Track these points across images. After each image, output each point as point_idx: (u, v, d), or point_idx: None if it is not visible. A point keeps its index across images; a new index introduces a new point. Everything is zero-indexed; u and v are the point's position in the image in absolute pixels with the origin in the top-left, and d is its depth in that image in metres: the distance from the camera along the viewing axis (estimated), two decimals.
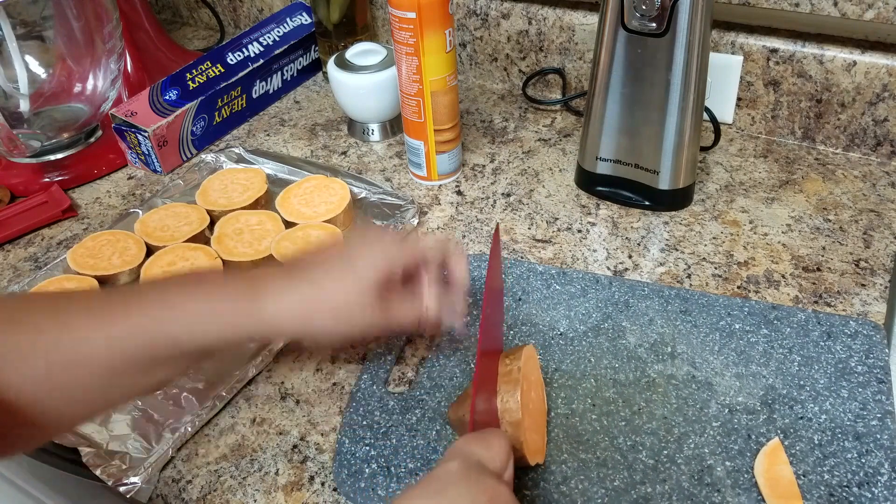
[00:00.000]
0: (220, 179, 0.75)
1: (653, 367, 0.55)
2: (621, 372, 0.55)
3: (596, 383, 0.54)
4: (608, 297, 0.61)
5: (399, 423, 0.52)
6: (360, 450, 0.51)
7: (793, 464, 0.48)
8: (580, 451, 0.50)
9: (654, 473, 0.48)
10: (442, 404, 0.53)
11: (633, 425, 0.51)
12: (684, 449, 0.49)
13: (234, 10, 1.10)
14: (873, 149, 0.75)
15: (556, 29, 0.85)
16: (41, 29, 0.80)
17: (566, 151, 0.80)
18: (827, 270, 0.63)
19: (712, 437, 0.50)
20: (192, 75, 0.84)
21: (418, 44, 0.67)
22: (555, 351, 0.57)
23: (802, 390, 0.52)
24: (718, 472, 0.48)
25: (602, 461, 0.49)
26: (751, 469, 0.48)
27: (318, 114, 0.91)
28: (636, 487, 0.47)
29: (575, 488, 0.48)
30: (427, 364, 0.57)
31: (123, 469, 0.50)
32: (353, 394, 0.55)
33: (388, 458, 0.50)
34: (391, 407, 0.53)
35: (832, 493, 0.46)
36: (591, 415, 0.52)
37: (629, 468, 0.48)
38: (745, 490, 0.47)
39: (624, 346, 0.57)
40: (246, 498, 0.49)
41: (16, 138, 0.75)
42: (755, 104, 0.78)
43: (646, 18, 0.60)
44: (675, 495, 0.47)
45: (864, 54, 0.71)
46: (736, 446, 0.49)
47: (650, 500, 0.47)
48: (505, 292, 0.62)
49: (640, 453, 0.49)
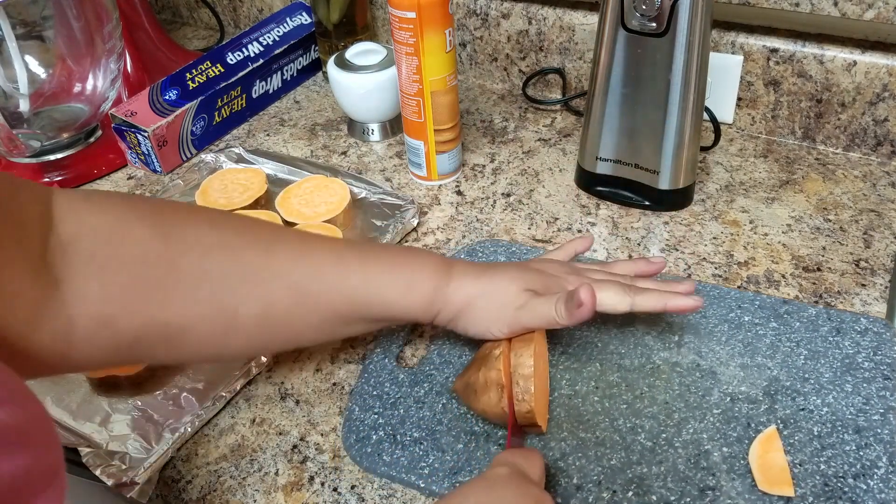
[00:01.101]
0: (220, 179, 0.75)
1: (658, 354, 0.56)
2: (627, 357, 0.55)
3: (601, 367, 0.55)
4: None
5: (407, 395, 0.54)
6: (368, 417, 0.53)
7: (790, 453, 0.48)
8: (580, 431, 0.51)
9: (651, 455, 0.49)
10: (449, 380, 0.55)
11: (634, 409, 0.52)
12: (683, 433, 0.50)
13: (234, 10, 1.10)
14: (873, 149, 0.75)
15: (556, 29, 0.85)
16: (41, 29, 0.80)
17: (566, 151, 0.80)
18: (827, 270, 0.63)
19: (711, 424, 0.50)
20: (191, 75, 0.84)
21: (418, 44, 0.67)
22: (562, 335, 0.57)
23: (806, 383, 0.53)
24: (715, 457, 0.48)
25: (601, 441, 0.50)
26: (747, 456, 0.48)
27: (318, 114, 0.91)
28: (632, 467, 0.48)
29: (572, 465, 0.49)
30: (438, 341, 0.58)
31: (123, 469, 0.50)
32: (366, 366, 0.57)
33: (394, 427, 0.52)
34: (401, 380, 0.55)
35: (827, 483, 0.46)
36: (594, 397, 0.53)
37: (627, 449, 0.49)
38: (739, 476, 0.47)
39: (631, 333, 0.57)
40: (246, 498, 0.49)
41: (16, 138, 0.75)
42: (755, 104, 0.78)
43: (646, 18, 0.60)
44: (669, 477, 0.47)
45: (864, 54, 0.71)
46: (734, 433, 0.50)
47: (645, 479, 0.47)
48: None
49: (639, 435, 0.50)
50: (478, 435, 0.51)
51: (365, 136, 0.85)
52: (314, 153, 0.84)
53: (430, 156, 0.74)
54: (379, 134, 0.84)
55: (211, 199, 0.73)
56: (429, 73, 0.69)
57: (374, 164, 0.81)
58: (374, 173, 0.79)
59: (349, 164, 0.81)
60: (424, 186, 0.77)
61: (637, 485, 0.47)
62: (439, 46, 0.67)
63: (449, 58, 0.69)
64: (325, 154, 0.83)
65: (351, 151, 0.83)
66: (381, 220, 0.71)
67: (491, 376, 0.49)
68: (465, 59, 0.93)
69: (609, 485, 0.47)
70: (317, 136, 0.87)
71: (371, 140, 0.85)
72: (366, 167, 0.80)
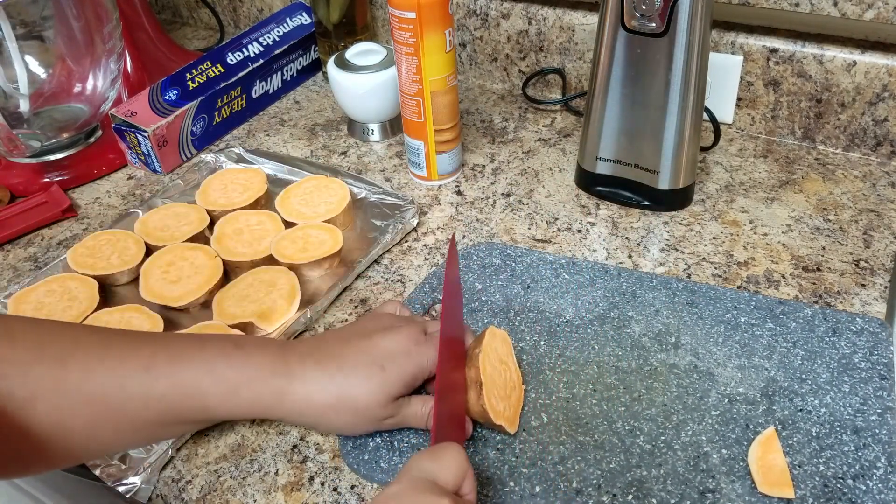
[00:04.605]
0: (220, 179, 0.75)
1: (656, 356, 0.55)
2: (624, 360, 0.55)
3: (598, 370, 0.55)
4: (616, 287, 0.61)
5: None
6: None
7: (789, 454, 0.48)
8: (578, 434, 0.50)
9: (650, 458, 0.49)
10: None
11: (633, 411, 0.52)
12: (682, 435, 0.50)
13: (234, 10, 1.10)
14: (873, 149, 0.75)
15: (556, 29, 0.85)
16: (41, 29, 0.80)
17: (566, 151, 0.80)
18: (827, 270, 0.63)
19: (710, 426, 0.50)
20: (191, 75, 0.84)
21: (418, 44, 0.67)
22: (559, 337, 0.57)
23: (804, 384, 0.53)
24: (714, 459, 0.48)
25: (600, 444, 0.50)
26: (746, 458, 0.48)
27: (318, 114, 0.91)
28: (632, 470, 0.48)
29: (571, 468, 0.48)
30: None
31: (123, 469, 0.50)
32: None
33: (391, 434, 0.51)
34: None
35: (826, 484, 0.46)
36: (592, 399, 0.53)
37: (626, 452, 0.49)
38: (739, 477, 0.47)
39: (628, 335, 0.57)
40: (246, 498, 0.49)
41: (16, 138, 0.75)
42: (755, 104, 0.78)
43: (646, 18, 0.60)
44: (669, 479, 0.47)
45: (864, 54, 0.71)
46: (733, 435, 0.50)
47: (645, 482, 0.47)
48: (514, 280, 0.63)
49: (638, 438, 0.50)
50: (475, 440, 0.51)
51: (365, 136, 0.85)
52: (314, 153, 0.84)
53: (429, 156, 0.74)
54: (379, 134, 0.84)
55: (211, 200, 0.73)
56: (429, 73, 0.69)
57: (374, 165, 0.81)
58: (374, 173, 0.79)
59: (349, 165, 0.81)
60: (424, 186, 0.77)
61: (637, 488, 0.47)
62: (439, 46, 0.67)
63: (449, 58, 0.69)
64: (325, 154, 0.83)
65: (351, 151, 0.83)
66: (380, 220, 0.71)
67: (471, 375, 0.48)
68: (465, 59, 0.93)
69: (609, 488, 0.47)
70: (317, 136, 0.87)
71: (371, 140, 0.85)
72: (366, 167, 0.80)
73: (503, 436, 0.51)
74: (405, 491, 0.38)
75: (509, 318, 0.59)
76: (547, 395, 0.53)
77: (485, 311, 0.60)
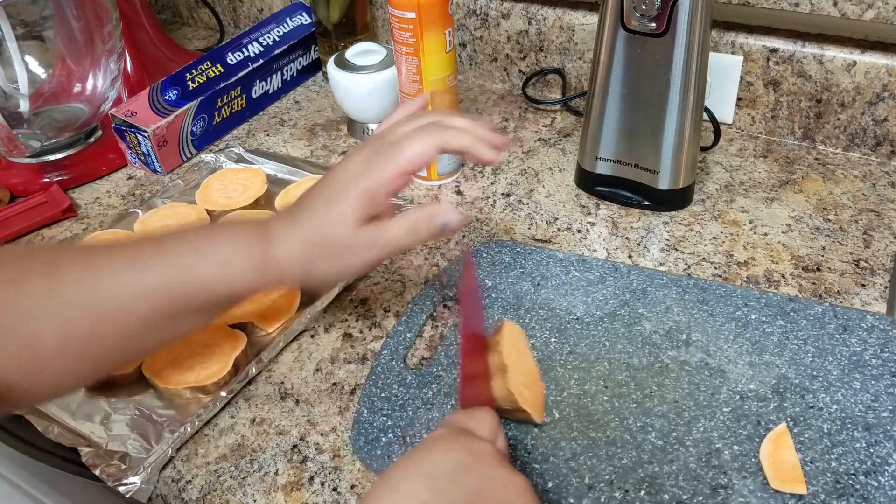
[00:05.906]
0: (220, 179, 0.75)
1: (667, 353, 0.56)
2: (635, 357, 0.55)
3: (609, 366, 0.55)
4: (626, 284, 0.61)
5: (416, 397, 0.54)
6: (377, 420, 0.53)
7: (800, 451, 0.48)
8: (590, 430, 0.51)
9: (661, 454, 0.49)
10: (457, 381, 0.55)
11: (644, 408, 0.52)
12: (693, 432, 0.50)
13: (234, 10, 1.10)
14: (873, 149, 0.75)
15: (556, 29, 0.85)
16: (41, 29, 0.80)
17: (566, 151, 0.80)
18: (827, 270, 0.63)
19: (722, 422, 0.50)
20: (191, 75, 0.84)
21: (418, 44, 0.67)
22: (570, 334, 0.57)
23: (815, 380, 0.53)
24: (726, 455, 0.48)
25: (611, 440, 0.50)
26: (758, 454, 0.48)
27: (318, 114, 0.91)
28: (644, 466, 0.48)
29: (584, 464, 0.49)
30: (444, 342, 0.58)
31: (123, 469, 0.50)
32: (373, 368, 0.56)
33: (403, 429, 0.52)
34: (409, 381, 0.55)
35: (838, 480, 0.46)
36: (603, 396, 0.53)
37: (638, 448, 0.49)
38: (751, 474, 0.47)
39: (639, 332, 0.57)
40: (246, 498, 0.49)
41: (16, 138, 0.75)
42: (755, 104, 0.78)
43: (646, 18, 0.60)
44: (681, 475, 0.47)
45: (864, 54, 0.71)
46: (745, 431, 0.50)
47: (657, 478, 0.47)
48: (524, 277, 0.63)
49: (650, 434, 0.50)
50: None
51: (365, 136, 0.85)
52: (314, 153, 0.84)
53: None
54: None
55: (211, 200, 0.73)
56: (429, 73, 0.69)
57: None
58: None
59: None
60: (424, 186, 0.77)
61: (649, 484, 0.47)
62: (439, 46, 0.67)
63: (449, 58, 0.69)
64: (325, 154, 0.83)
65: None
66: None
67: (494, 361, 0.49)
68: (465, 59, 0.93)
69: (621, 484, 0.47)
70: (317, 136, 0.87)
71: None
72: None
73: (515, 432, 0.51)
74: (444, 435, 0.40)
75: (520, 314, 0.60)
76: (558, 392, 0.53)
77: (495, 307, 0.60)
